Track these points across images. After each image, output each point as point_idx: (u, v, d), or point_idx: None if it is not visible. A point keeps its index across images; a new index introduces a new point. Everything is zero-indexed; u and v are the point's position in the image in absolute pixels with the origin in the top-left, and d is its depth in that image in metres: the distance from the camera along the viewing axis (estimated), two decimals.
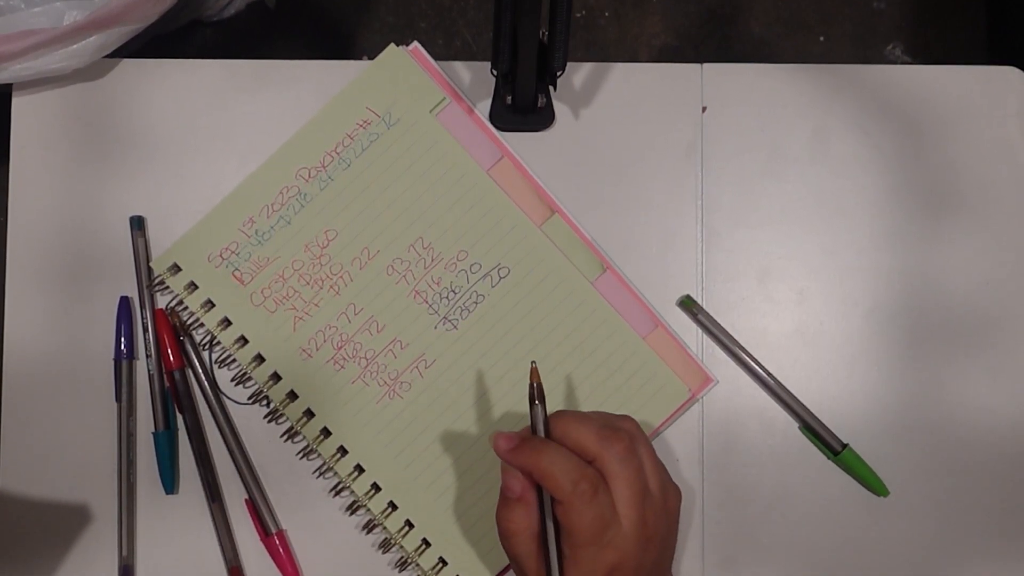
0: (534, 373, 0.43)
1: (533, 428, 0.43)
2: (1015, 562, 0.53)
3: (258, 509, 0.53)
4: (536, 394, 0.43)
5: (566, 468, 0.40)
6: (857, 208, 0.55)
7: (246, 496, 0.53)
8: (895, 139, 0.55)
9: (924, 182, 0.55)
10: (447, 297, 0.53)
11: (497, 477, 0.52)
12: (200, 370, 0.53)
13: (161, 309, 0.54)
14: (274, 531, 0.52)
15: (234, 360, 0.53)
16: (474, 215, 0.54)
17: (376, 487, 0.52)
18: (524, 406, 0.53)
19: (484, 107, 0.55)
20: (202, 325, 0.53)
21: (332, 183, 0.54)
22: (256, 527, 0.53)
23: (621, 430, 0.42)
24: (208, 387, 0.53)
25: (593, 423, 0.42)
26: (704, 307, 0.54)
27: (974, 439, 0.54)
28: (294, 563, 0.53)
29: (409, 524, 0.52)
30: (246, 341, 0.53)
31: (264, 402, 0.53)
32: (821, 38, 0.63)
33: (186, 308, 0.54)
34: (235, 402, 0.54)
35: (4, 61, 0.50)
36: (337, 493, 0.53)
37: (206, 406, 0.53)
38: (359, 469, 0.53)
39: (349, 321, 0.53)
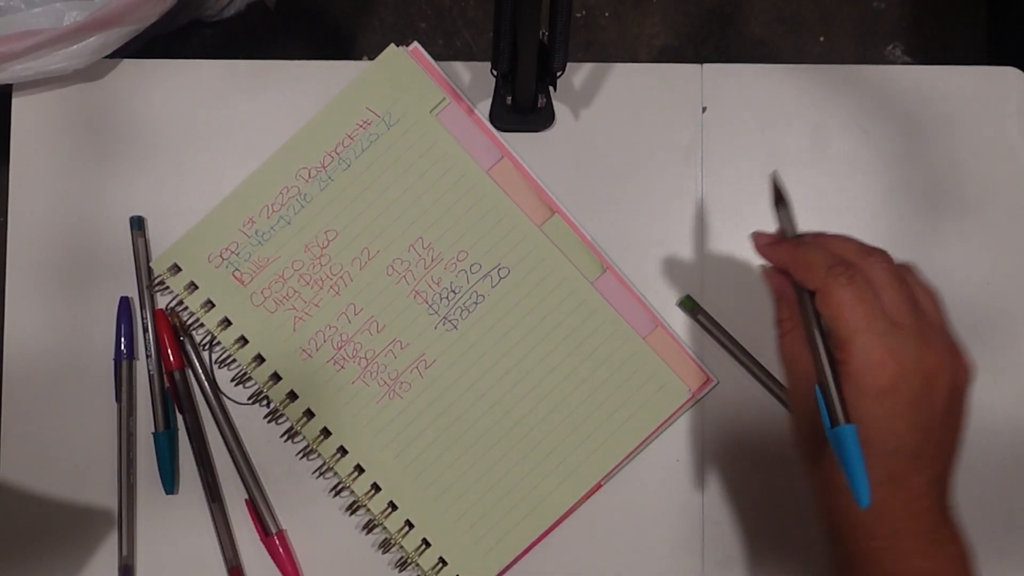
0: (775, 181, 0.42)
1: (783, 232, 0.42)
2: (1015, 561, 0.53)
3: (258, 509, 0.53)
4: (780, 196, 0.41)
5: (821, 256, 0.38)
6: (857, 208, 0.55)
7: (246, 496, 0.53)
8: (895, 139, 0.55)
9: (924, 182, 0.55)
10: (447, 297, 0.53)
11: (497, 476, 0.53)
12: (200, 370, 0.53)
13: (161, 309, 0.54)
14: (274, 531, 0.52)
15: (234, 360, 0.53)
16: (474, 215, 0.54)
17: (376, 487, 0.52)
18: (524, 406, 0.53)
19: (484, 107, 0.55)
20: (202, 325, 0.53)
21: (332, 183, 0.54)
22: (256, 527, 0.53)
23: (881, 251, 0.40)
24: (208, 387, 0.53)
25: (853, 241, 0.40)
26: (704, 307, 0.54)
27: (974, 439, 0.53)
28: (294, 563, 0.53)
29: (409, 524, 0.52)
30: (246, 341, 0.53)
31: (264, 402, 0.53)
32: (821, 38, 0.63)
33: (186, 308, 0.54)
34: (235, 402, 0.54)
35: (4, 61, 0.50)
36: (337, 493, 0.53)
37: (206, 406, 0.53)
38: (359, 469, 0.53)
39: (349, 321, 0.53)
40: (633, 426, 0.53)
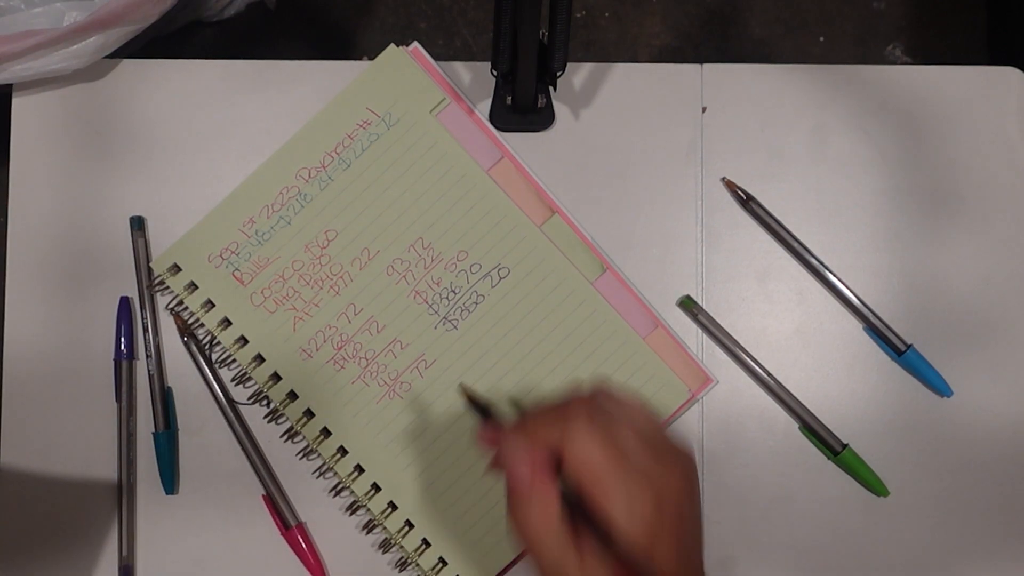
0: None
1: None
2: (1015, 562, 0.53)
3: (276, 504, 0.52)
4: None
5: (546, 424, 0.38)
6: (857, 208, 0.55)
7: (263, 492, 0.53)
8: (895, 139, 0.55)
9: (924, 182, 0.55)
10: (447, 297, 0.53)
11: (497, 476, 0.52)
12: (207, 369, 0.53)
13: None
14: (294, 524, 0.52)
15: (234, 360, 0.53)
16: (474, 215, 0.54)
17: (376, 487, 0.52)
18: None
19: (484, 107, 0.55)
20: (202, 325, 0.53)
21: (332, 183, 0.54)
22: (276, 522, 0.52)
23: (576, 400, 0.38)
24: (216, 385, 0.53)
25: (546, 409, 0.38)
26: (704, 307, 0.54)
27: (974, 439, 0.54)
28: (316, 554, 0.52)
29: (409, 524, 0.52)
30: (246, 341, 0.53)
31: (264, 402, 0.53)
32: (821, 38, 0.63)
33: (186, 308, 0.54)
34: (235, 402, 0.54)
35: (4, 61, 0.50)
36: (337, 493, 0.53)
37: (213, 407, 0.53)
38: (359, 469, 0.53)
39: (349, 321, 0.53)
40: None
